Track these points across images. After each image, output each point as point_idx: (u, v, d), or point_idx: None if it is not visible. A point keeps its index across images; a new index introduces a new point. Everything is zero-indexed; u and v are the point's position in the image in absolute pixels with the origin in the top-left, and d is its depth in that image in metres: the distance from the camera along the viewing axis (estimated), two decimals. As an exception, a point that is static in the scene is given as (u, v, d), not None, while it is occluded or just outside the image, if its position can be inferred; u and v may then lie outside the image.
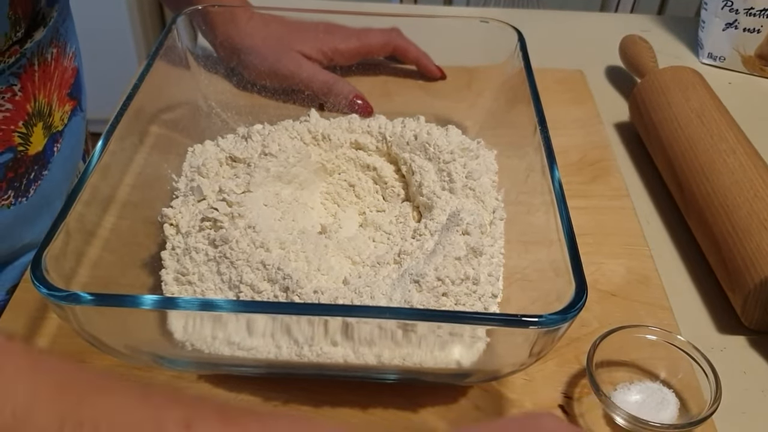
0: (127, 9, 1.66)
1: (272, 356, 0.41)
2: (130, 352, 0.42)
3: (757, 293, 0.51)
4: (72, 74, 0.61)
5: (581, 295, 0.37)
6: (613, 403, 0.43)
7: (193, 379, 0.47)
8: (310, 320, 0.38)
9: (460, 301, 0.44)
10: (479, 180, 0.53)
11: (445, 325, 0.38)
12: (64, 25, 0.60)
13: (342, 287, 0.46)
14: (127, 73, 0.81)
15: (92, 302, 0.36)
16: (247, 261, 0.45)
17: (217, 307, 0.38)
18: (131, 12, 1.68)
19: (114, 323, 0.40)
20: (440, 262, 0.44)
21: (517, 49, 0.58)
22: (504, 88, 0.59)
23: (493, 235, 0.50)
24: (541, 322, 0.36)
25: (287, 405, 0.45)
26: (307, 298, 0.44)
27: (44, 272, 0.37)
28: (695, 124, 0.63)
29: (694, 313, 0.55)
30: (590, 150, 0.67)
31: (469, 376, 0.44)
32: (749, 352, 0.52)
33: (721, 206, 0.56)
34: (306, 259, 0.47)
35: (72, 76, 0.61)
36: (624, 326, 0.47)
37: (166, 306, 0.39)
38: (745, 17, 0.80)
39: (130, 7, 1.67)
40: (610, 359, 0.46)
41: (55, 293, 0.36)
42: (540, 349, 0.39)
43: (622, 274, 0.55)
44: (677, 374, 0.46)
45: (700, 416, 0.43)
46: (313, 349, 0.40)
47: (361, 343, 0.40)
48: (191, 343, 0.41)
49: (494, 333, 0.40)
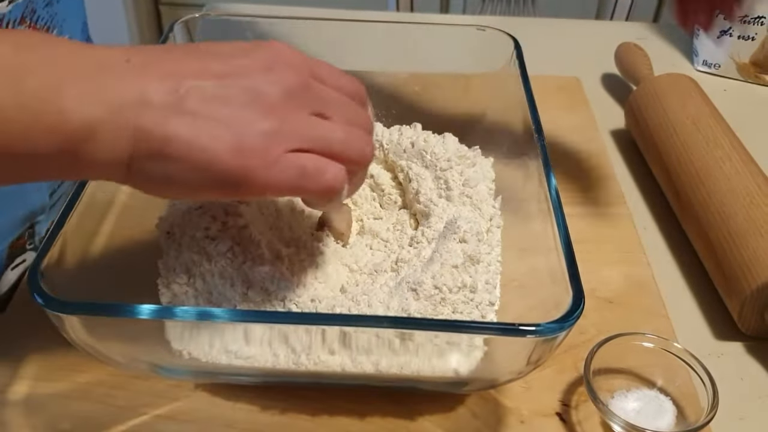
0: (125, 17, 1.66)
1: (269, 365, 0.41)
2: (127, 361, 0.42)
3: (754, 299, 0.51)
4: None
5: (578, 303, 0.37)
6: (610, 411, 0.43)
7: (190, 388, 0.46)
8: (308, 329, 0.38)
9: (458, 309, 0.44)
10: (476, 188, 0.53)
11: (442, 334, 0.38)
12: (48, 8, 0.57)
13: (339, 295, 0.46)
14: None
15: (89, 312, 0.36)
16: (243, 269, 0.45)
17: (214, 317, 0.38)
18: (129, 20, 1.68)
19: (111, 333, 0.40)
20: (437, 270, 0.44)
21: (513, 56, 0.59)
22: (500, 95, 0.59)
23: (490, 242, 0.50)
24: (539, 331, 0.36)
25: (285, 413, 0.45)
26: (304, 306, 0.44)
27: (40, 282, 0.37)
28: (691, 131, 0.63)
29: (691, 319, 0.55)
30: (586, 157, 0.67)
31: (466, 385, 0.43)
32: (746, 359, 0.52)
33: (718, 213, 0.56)
34: (303, 267, 0.47)
35: None
36: (621, 334, 0.47)
37: (164, 315, 0.39)
38: (739, 25, 0.81)
39: (128, 15, 1.67)
40: (607, 367, 0.46)
41: (52, 304, 0.36)
42: (538, 357, 0.39)
43: (619, 281, 0.56)
44: (674, 382, 0.46)
45: (697, 423, 0.43)
46: (311, 357, 0.40)
47: (358, 352, 0.40)
48: (188, 352, 0.41)
49: (492, 341, 0.40)
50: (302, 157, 0.37)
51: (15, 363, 0.48)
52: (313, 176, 0.37)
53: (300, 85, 0.37)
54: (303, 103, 0.38)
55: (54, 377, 0.47)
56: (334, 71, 0.41)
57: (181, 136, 0.34)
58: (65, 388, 0.46)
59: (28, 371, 0.47)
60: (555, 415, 0.46)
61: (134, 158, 0.34)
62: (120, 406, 0.45)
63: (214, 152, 0.34)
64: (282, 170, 0.36)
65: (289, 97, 0.37)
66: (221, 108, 0.35)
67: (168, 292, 0.46)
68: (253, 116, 0.35)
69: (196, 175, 0.35)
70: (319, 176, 0.37)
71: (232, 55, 0.37)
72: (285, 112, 0.36)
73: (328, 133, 0.38)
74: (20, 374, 0.47)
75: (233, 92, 0.36)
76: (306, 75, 0.38)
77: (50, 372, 0.47)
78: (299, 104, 0.37)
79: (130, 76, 0.34)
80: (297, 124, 0.37)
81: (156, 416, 0.45)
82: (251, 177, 0.35)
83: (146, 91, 0.34)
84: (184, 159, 0.34)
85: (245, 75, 0.36)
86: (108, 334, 0.40)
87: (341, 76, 0.42)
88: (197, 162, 0.34)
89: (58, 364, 0.47)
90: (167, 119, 0.34)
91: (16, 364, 0.48)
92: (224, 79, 0.36)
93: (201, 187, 0.36)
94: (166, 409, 0.45)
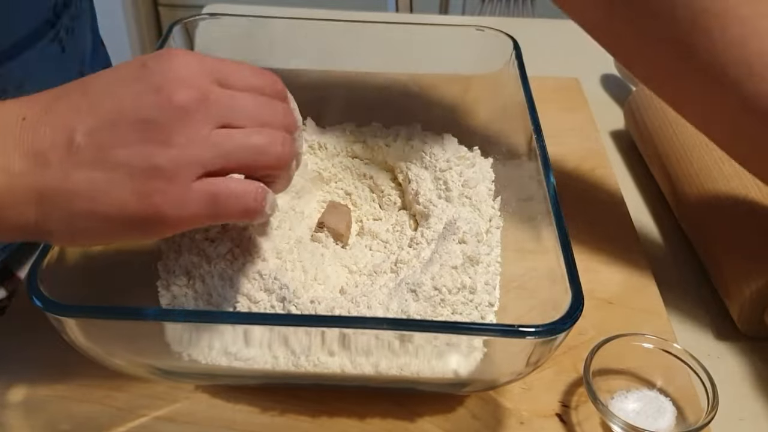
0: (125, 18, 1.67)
1: (269, 366, 0.41)
2: (127, 363, 0.42)
3: (754, 300, 0.51)
4: None
5: (578, 304, 0.37)
6: (610, 412, 0.43)
7: (190, 389, 0.46)
8: (307, 331, 0.38)
9: (457, 310, 0.44)
10: (476, 188, 0.53)
11: (442, 336, 0.38)
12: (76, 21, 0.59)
13: (339, 297, 0.46)
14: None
15: (89, 315, 0.36)
16: (243, 271, 0.45)
17: (214, 318, 0.38)
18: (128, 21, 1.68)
19: (110, 335, 0.40)
20: (437, 271, 0.44)
21: (512, 57, 0.59)
22: (499, 96, 0.59)
23: (490, 243, 0.50)
24: (539, 332, 0.36)
25: (284, 415, 0.45)
26: (304, 308, 0.44)
27: (39, 285, 0.37)
28: (690, 132, 0.63)
29: (691, 319, 0.55)
30: (586, 157, 0.67)
31: (466, 386, 0.43)
32: (746, 359, 0.52)
33: (717, 213, 0.56)
34: (303, 268, 0.47)
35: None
36: (621, 334, 0.47)
37: (164, 318, 0.39)
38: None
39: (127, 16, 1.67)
40: (607, 367, 0.46)
41: (51, 306, 0.36)
42: (537, 358, 0.39)
43: (619, 281, 0.55)
44: (674, 382, 0.46)
45: (697, 424, 0.43)
46: (310, 359, 0.40)
47: (358, 353, 0.40)
48: (188, 354, 0.41)
49: (492, 343, 0.40)
50: (213, 184, 0.35)
51: (14, 364, 0.48)
52: (226, 203, 0.36)
53: (195, 101, 0.35)
54: (202, 119, 0.35)
55: (53, 379, 0.47)
56: (243, 69, 0.39)
57: (83, 192, 0.34)
58: (64, 389, 0.46)
59: (27, 373, 0.47)
60: (555, 416, 0.46)
61: (44, 219, 0.34)
62: (119, 407, 0.45)
63: (119, 200, 0.34)
64: (192, 202, 0.35)
65: (184, 117, 0.35)
66: (118, 151, 0.34)
67: (168, 294, 0.46)
68: (149, 151, 0.34)
69: (108, 224, 0.35)
70: (233, 201, 0.36)
71: (124, 83, 0.36)
72: (183, 134, 0.34)
73: (236, 145, 0.36)
74: (19, 376, 0.47)
75: (125, 132, 0.34)
76: (202, 86, 0.36)
77: (49, 373, 0.47)
78: (199, 120, 0.35)
79: (26, 136, 0.34)
80: (199, 146, 0.35)
81: (155, 418, 0.45)
82: (161, 216, 0.34)
83: (43, 152, 0.34)
84: (92, 212, 0.34)
85: (136, 107, 0.34)
86: (107, 336, 0.40)
87: (251, 74, 0.39)
88: (105, 213, 0.34)
89: (57, 365, 0.47)
90: (67, 176, 0.34)
91: (15, 365, 0.48)
92: (116, 118, 0.34)
93: (115, 234, 0.36)
94: (165, 410, 0.45)
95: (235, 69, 0.38)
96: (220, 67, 0.38)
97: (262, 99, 0.39)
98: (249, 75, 0.39)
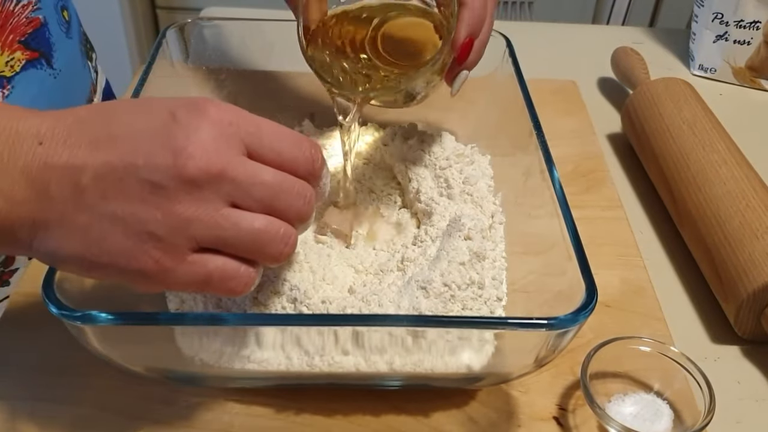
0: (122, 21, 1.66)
1: (283, 368, 0.41)
2: (142, 369, 0.42)
3: (750, 303, 0.51)
4: (30, 25, 0.58)
5: (592, 296, 0.37)
6: (607, 415, 0.43)
7: (190, 393, 0.46)
8: (321, 330, 0.38)
9: (467, 306, 0.44)
10: (476, 185, 0.54)
11: (456, 330, 0.38)
12: None
13: (349, 296, 0.46)
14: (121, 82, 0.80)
15: (107, 321, 0.36)
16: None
17: (229, 322, 0.38)
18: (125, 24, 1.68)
19: (127, 340, 0.39)
20: (445, 267, 0.44)
21: (506, 54, 0.59)
22: (495, 95, 0.59)
23: (494, 239, 0.50)
24: (554, 324, 0.37)
25: (300, 415, 0.45)
26: (316, 308, 0.44)
27: (56, 291, 0.37)
28: (687, 135, 0.63)
29: (688, 323, 0.55)
30: (583, 160, 0.67)
31: (480, 380, 0.44)
32: (743, 362, 0.52)
33: (714, 216, 0.56)
34: (310, 269, 0.47)
35: (30, 26, 0.58)
36: (618, 338, 0.47)
37: (176, 322, 0.39)
38: (735, 29, 0.81)
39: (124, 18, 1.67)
40: (604, 370, 0.46)
41: (68, 313, 0.36)
42: (552, 350, 0.39)
43: (616, 284, 0.56)
44: (671, 385, 0.46)
45: (694, 427, 0.43)
46: (325, 359, 0.40)
47: (372, 351, 0.40)
48: (201, 359, 0.41)
49: (505, 336, 0.40)
50: (205, 265, 0.34)
51: (13, 366, 0.48)
52: (217, 283, 0.35)
53: (208, 175, 0.33)
54: (211, 196, 0.33)
55: (51, 382, 0.47)
56: (281, 137, 0.36)
57: (77, 236, 0.33)
58: (62, 393, 0.46)
59: (27, 374, 0.47)
60: (552, 419, 0.46)
61: (37, 245, 0.34)
62: (119, 409, 0.45)
63: (109, 253, 0.33)
64: (182, 275, 0.34)
65: (192, 191, 0.33)
66: (119, 205, 0.33)
67: (175, 299, 0.46)
68: (148, 215, 0.33)
69: (95, 269, 0.35)
70: (223, 283, 0.35)
71: (147, 130, 0.34)
72: (186, 207, 0.33)
73: (238, 232, 0.34)
74: (19, 378, 0.47)
75: (131, 187, 0.33)
76: (223, 157, 0.33)
77: (48, 377, 0.47)
78: (206, 196, 0.33)
79: (36, 164, 0.33)
80: (199, 223, 0.34)
81: (155, 420, 0.45)
82: (149, 278, 0.34)
83: (48, 186, 0.33)
84: (81, 256, 0.34)
85: (148, 166, 0.33)
86: (123, 341, 0.39)
87: (288, 144, 0.36)
88: (93, 260, 0.34)
89: (55, 368, 0.47)
90: (65, 216, 0.33)
91: (15, 367, 0.48)
92: (127, 169, 0.33)
93: (101, 277, 0.36)
94: (164, 413, 0.45)
95: (271, 136, 0.36)
96: (254, 130, 0.35)
97: (286, 183, 0.36)
98: (286, 146, 0.36)
